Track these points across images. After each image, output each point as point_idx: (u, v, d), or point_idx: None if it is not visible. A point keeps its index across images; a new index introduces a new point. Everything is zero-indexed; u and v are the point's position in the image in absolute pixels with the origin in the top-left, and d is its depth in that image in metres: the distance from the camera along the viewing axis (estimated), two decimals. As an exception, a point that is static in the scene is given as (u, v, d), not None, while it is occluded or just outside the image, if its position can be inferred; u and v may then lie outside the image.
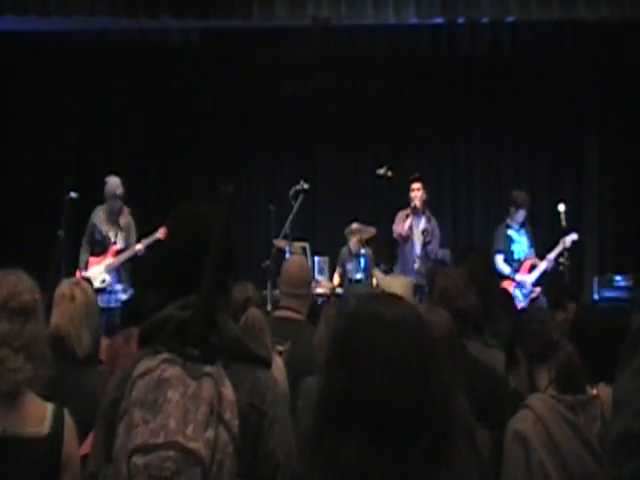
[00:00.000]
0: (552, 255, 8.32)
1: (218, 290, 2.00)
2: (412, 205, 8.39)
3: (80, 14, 8.62)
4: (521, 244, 8.44)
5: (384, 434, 1.48)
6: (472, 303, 3.71)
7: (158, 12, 8.72)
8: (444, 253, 9.24)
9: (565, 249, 8.27)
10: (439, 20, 9.08)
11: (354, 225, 8.74)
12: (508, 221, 8.49)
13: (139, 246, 8.08)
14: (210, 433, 1.83)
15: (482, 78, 10.65)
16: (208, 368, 1.91)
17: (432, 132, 10.80)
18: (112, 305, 7.68)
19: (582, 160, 10.72)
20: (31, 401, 2.41)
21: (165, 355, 1.93)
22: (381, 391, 1.49)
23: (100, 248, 8.18)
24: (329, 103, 10.73)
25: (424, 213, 8.42)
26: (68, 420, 2.46)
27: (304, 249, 8.62)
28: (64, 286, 3.57)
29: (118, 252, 8.14)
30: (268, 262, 7.90)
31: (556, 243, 8.38)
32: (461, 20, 9.15)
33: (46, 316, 2.52)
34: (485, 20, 9.23)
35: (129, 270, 8.32)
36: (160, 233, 7.65)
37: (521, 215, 8.42)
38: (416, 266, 8.13)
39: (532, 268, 8.37)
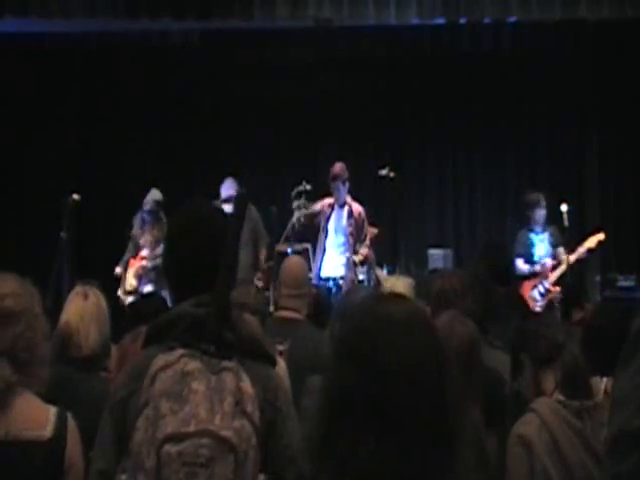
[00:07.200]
0: (574, 256, 8.02)
1: (232, 288, 2.03)
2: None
3: (80, 15, 8.61)
4: (542, 246, 8.21)
5: (400, 435, 1.47)
6: (470, 305, 3.66)
7: (159, 13, 8.71)
8: (446, 254, 9.23)
9: (589, 250, 8.07)
10: (441, 20, 9.07)
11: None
12: (530, 225, 8.28)
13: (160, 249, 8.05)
14: (237, 423, 1.88)
15: (483, 78, 10.63)
16: (227, 363, 1.94)
17: (434, 132, 10.80)
18: None
19: (583, 160, 10.71)
20: (32, 404, 2.38)
21: (183, 350, 1.96)
22: (397, 391, 1.48)
23: (134, 252, 8.37)
24: (331, 104, 10.70)
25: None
26: (71, 423, 2.42)
27: (306, 250, 8.61)
28: (78, 287, 3.67)
29: (143, 258, 8.26)
30: (271, 263, 7.91)
31: (579, 242, 8.11)
32: (463, 20, 9.15)
33: (47, 318, 2.49)
34: (487, 20, 9.23)
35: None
36: None
37: (538, 215, 8.21)
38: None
39: (555, 268, 8.07)
